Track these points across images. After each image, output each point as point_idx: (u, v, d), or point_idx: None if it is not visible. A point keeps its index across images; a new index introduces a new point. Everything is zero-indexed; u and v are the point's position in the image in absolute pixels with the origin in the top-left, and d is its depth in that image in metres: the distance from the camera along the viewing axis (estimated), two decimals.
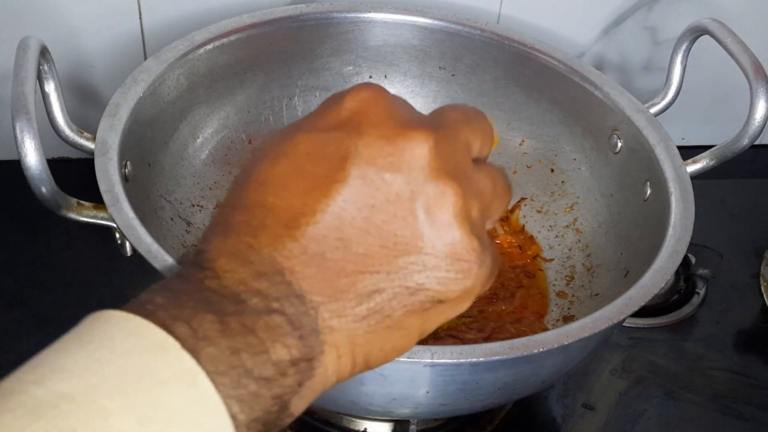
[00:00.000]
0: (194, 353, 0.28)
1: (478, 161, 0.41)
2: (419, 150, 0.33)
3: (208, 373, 0.28)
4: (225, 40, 0.65)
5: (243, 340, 0.30)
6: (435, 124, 0.35)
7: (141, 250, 0.47)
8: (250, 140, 0.70)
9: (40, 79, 0.53)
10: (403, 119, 0.35)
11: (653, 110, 0.66)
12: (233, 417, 0.29)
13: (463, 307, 0.36)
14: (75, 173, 0.53)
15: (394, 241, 0.33)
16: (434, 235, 0.33)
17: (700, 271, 0.75)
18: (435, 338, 0.60)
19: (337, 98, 0.35)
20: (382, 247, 0.33)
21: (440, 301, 0.34)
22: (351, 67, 0.73)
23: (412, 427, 0.57)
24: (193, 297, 0.30)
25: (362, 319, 0.33)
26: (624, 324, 0.62)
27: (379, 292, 0.33)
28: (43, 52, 0.53)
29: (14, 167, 0.48)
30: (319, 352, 0.32)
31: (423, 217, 0.33)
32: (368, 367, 0.35)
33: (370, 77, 0.74)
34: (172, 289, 0.31)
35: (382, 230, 0.33)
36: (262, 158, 0.35)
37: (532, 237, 0.71)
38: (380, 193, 0.33)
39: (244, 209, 0.34)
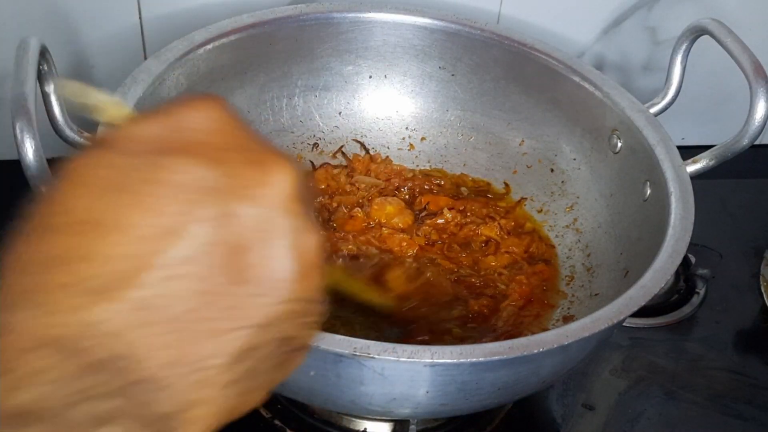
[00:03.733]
0: None
1: None
2: (286, 179, 0.28)
3: None
4: (225, 40, 0.65)
5: None
6: (277, 150, 0.29)
7: None
8: None
9: (40, 79, 0.53)
10: (260, 141, 0.29)
11: (653, 110, 0.66)
12: None
13: (305, 357, 0.31)
14: None
15: (261, 289, 0.27)
16: (304, 280, 0.28)
17: (700, 271, 0.75)
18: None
19: (177, 112, 0.28)
20: (252, 295, 0.27)
21: (301, 348, 0.30)
22: (351, 67, 0.73)
23: (412, 427, 0.57)
24: None
25: (229, 386, 0.27)
26: (624, 324, 0.62)
27: (249, 352, 0.27)
28: (44, 53, 0.53)
29: (14, 167, 0.48)
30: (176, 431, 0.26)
31: (290, 259, 0.28)
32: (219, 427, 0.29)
33: (370, 77, 0.74)
34: None
35: (248, 276, 0.27)
36: (82, 188, 0.26)
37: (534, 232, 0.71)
38: (248, 232, 0.27)
39: (64, 264, 0.25)
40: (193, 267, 0.26)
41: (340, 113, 0.75)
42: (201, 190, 0.26)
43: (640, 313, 0.51)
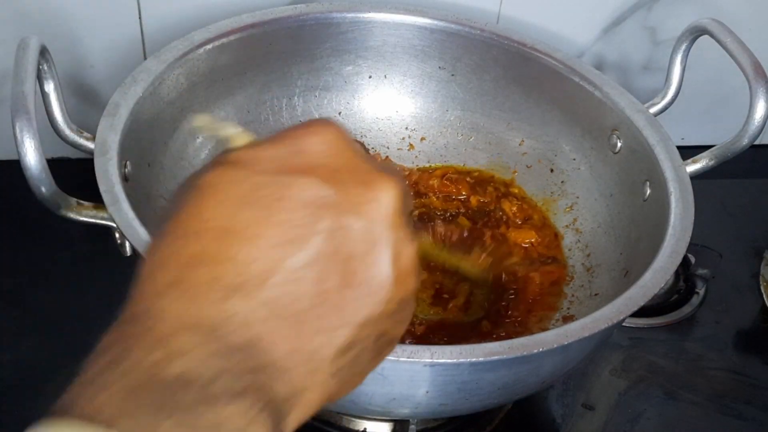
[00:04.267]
0: None
1: None
2: (391, 195, 0.32)
3: None
4: (225, 40, 0.65)
5: None
6: (388, 168, 0.34)
7: (141, 249, 0.47)
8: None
9: (40, 79, 0.53)
10: (367, 163, 0.33)
11: (653, 110, 0.66)
12: None
13: (393, 349, 0.36)
14: (75, 173, 0.53)
15: (366, 291, 0.32)
16: (399, 284, 0.33)
17: (700, 271, 0.75)
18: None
19: (299, 137, 0.33)
20: (358, 298, 0.32)
21: (392, 342, 0.35)
22: (351, 67, 0.73)
23: (412, 427, 0.57)
24: (151, 394, 0.27)
25: (335, 374, 0.32)
26: (624, 324, 0.62)
27: (353, 345, 0.32)
28: (43, 52, 0.53)
29: (14, 167, 0.48)
30: (289, 413, 0.30)
31: (391, 266, 0.32)
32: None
33: (370, 77, 0.74)
34: (124, 384, 0.27)
35: (359, 280, 0.32)
36: (217, 201, 0.31)
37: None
38: (358, 242, 0.31)
39: (204, 264, 0.30)
40: (311, 272, 0.30)
41: (339, 113, 0.75)
42: (319, 206, 0.31)
43: (640, 313, 0.51)
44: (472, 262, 0.67)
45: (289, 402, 0.30)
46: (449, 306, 0.64)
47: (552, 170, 0.72)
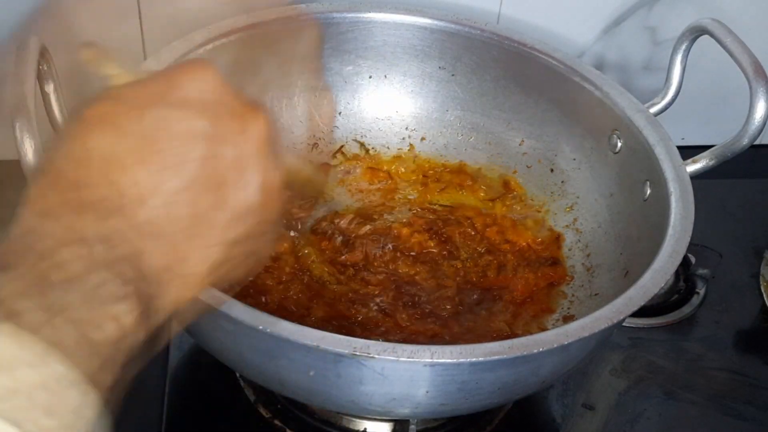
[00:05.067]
0: (42, 337, 0.29)
1: None
2: (260, 126, 0.36)
3: (63, 352, 0.29)
4: (225, 40, 0.65)
5: (79, 304, 0.30)
6: (255, 104, 0.38)
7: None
8: None
9: (40, 79, 0.53)
10: (239, 98, 0.37)
11: (653, 110, 0.66)
12: (98, 387, 0.30)
13: (270, 251, 0.42)
14: None
15: (236, 213, 0.35)
16: (266, 207, 0.37)
17: (700, 271, 0.75)
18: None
19: (175, 75, 0.36)
20: (226, 220, 0.35)
21: (262, 260, 0.39)
22: (351, 67, 0.73)
23: (412, 427, 0.57)
24: (40, 295, 0.30)
25: (212, 282, 0.36)
26: (624, 324, 0.62)
27: (224, 262, 0.36)
28: (43, 52, 0.53)
29: (14, 167, 0.48)
30: (164, 289, 0.34)
31: (258, 191, 0.36)
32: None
33: (370, 77, 0.74)
34: (12, 289, 0.30)
35: (230, 203, 0.35)
36: (99, 132, 0.34)
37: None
38: (229, 169, 0.35)
39: (88, 188, 0.33)
40: (186, 196, 0.34)
41: (340, 113, 0.75)
42: (194, 137, 0.34)
43: (640, 313, 0.51)
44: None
45: (163, 308, 0.34)
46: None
47: (552, 170, 0.72)
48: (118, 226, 0.32)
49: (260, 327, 0.44)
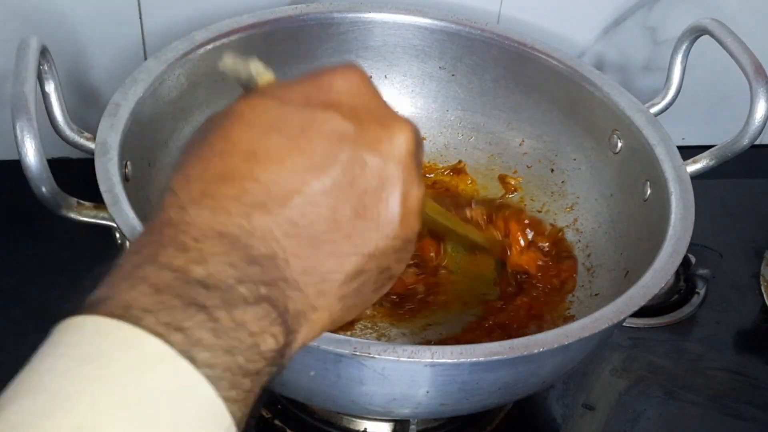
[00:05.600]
0: (192, 360, 0.27)
1: None
2: (406, 138, 0.35)
3: (208, 378, 0.28)
4: (225, 40, 0.65)
5: (235, 336, 0.29)
6: (401, 115, 0.37)
7: None
8: None
9: (40, 79, 0.53)
10: (386, 106, 0.36)
11: (653, 110, 0.66)
12: (233, 416, 0.28)
13: (391, 285, 0.38)
14: (75, 173, 0.53)
15: (375, 224, 0.34)
16: (406, 223, 0.35)
17: (700, 271, 0.75)
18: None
19: (325, 77, 0.35)
20: (368, 229, 0.34)
21: (392, 278, 0.37)
22: None
23: (412, 427, 0.57)
24: (178, 292, 0.29)
25: (341, 299, 0.34)
26: (624, 324, 0.62)
27: (361, 273, 0.34)
28: (43, 52, 0.53)
29: (14, 167, 0.48)
30: (298, 331, 0.33)
31: (399, 205, 0.35)
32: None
33: (370, 77, 0.73)
34: (152, 282, 0.29)
35: (369, 213, 0.34)
36: (247, 126, 0.33)
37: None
38: (371, 177, 0.34)
39: (232, 181, 0.32)
40: (328, 199, 0.33)
41: None
42: (340, 139, 0.33)
43: (640, 313, 0.51)
44: (478, 231, 0.66)
45: (298, 319, 0.32)
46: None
47: (552, 170, 0.72)
48: (258, 223, 0.31)
49: None
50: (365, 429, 0.60)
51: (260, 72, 0.36)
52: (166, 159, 0.63)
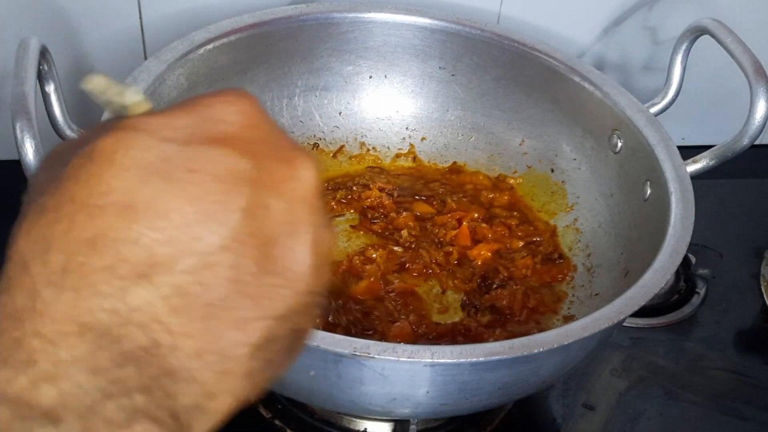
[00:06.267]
0: None
1: None
2: (311, 175, 0.29)
3: None
4: (225, 40, 0.65)
5: None
6: (299, 146, 0.31)
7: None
8: None
9: (40, 79, 0.53)
10: (284, 138, 0.30)
11: (653, 110, 0.66)
12: None
13: (303, 348, 0.32)
14: None
15: (285, 280, 0.28)
16: (318, 273, 0.29)
17: (700, 271, 0.75)
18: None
19: (212, 105, 0.29)
20: (277, 286, 0.28)
21: (302, 339, 0.31)
22: (351, 67, 0.73)
23: (412, 427, 0.57)
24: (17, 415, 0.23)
25: (250, 374, 0.28)
26: (624, 324, 0.62)
27: (268, 341, 0.28)
28: (43, 52, 0.53)
29: (14, 167, 0.48)
30: (192, 427, 0.26)
31: (312, 253, 0.29)
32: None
33: (370, 77, 0.74)
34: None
35: (277, 267, 0.28)
36: (119, 170, 0.26)
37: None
38: (277, 224, 0.28)
39: (104, 247, 0.25)
40: (227, 255, 0.26)
41: (340, 113, 0.75)
42: (236, 181, 0.27)
43: (640, 313, 0.51)
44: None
45: (191, 414, 0.26)
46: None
47: (552, 170, 0.72)
48: (138, 300, 0.25)
49: None
50: (365, 429, 0.60)
51: (137, 102, 0.29)
52: None
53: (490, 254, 0.67)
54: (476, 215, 0.69)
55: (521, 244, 0.68)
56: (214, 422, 0.27)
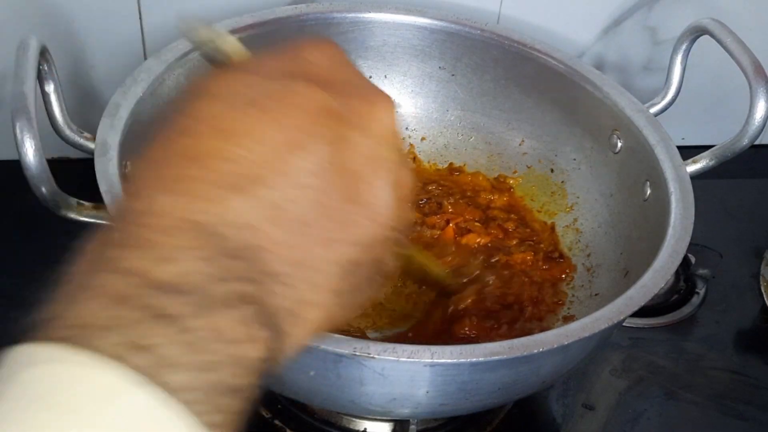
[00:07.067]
0: (163, 385, 0.23)
1: None
2: (390, 114, 0.32)
3: (186, 404, 0.23)
4: None
5: (215, 349, 0.25)
6: (379, 89, 0.34)
7: None
8: None
9: (40, 79, 0.53)
10: (367, 80, 0.33)
11: (653, 110, 0.66)
12: None
13: (384, 286, 0.34)
14: (75, 173, 0.53)
15: (370, 212, 0.30)
16: (400, 210, 0.32)
17: (700, 271, 0.75)
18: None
19: (301, 50, 0.32)
20: (361, 216, 0.30)
21: (384, 275, 0.33)
22: None
23: (412, 427, 0.57)
24: (142, 302, 0.24)
25: (339, 293, 0.30)
26: (624, 324, 0.62)
27: (358, 265, 0.30)
28: (43, 52, 0.53)
29: (14, 167, 0.48)
30: (290, 332, 0.28)
31: (391, 190, 0.31)
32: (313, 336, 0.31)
33: (370, 77, 0.74)
34: (110, 292, 0.24)
35: (361, 198, 0.30)
36: (217, 101, 0.29)
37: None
38: (360, 158, 0.30)
39: (204, 162, 0.27)
40: (315, 180, 0.28)
41: None
42: (325, 114, 0.29)
43: (640, 313, 0.51)
44: (438, 263, 0.63)
45: (290, 319, 0.28)
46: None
47: (552, 170, 0.72)
48: (239, 209, 0.27)
49: None
50: (365, 429, 0.60)
51: (236, 49, 0.33)
52: None
53: (483, 242, 0.67)
54: (470, 217, 0.69)
55: (515, 242, 0.68)
56: (308, 333, 0.29)
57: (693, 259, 0.75)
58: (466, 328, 0.59)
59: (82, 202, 0.51)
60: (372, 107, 0.31)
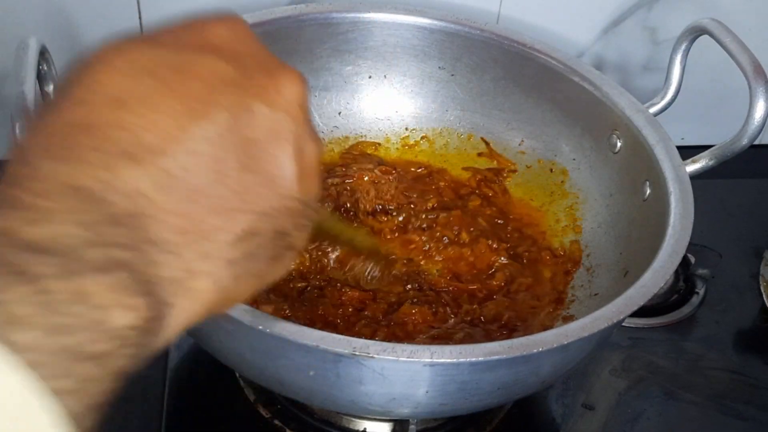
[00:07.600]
0: (6, 342, 0.22)
1: None
2: (297, 89, 0.32)
3: (29, 365, 0.22)
4: None
5: (73, 312, 0.24)
6: (287, 64, 0.34)
7: None
8: None
9: (40, 80, 0.53)
10: (273, 56, 0.33)
11: (653, 110, 0.66)
12: (68, 410, 0.23)
13: (294, 260, 0.34)
14: None
15: (267, 180, 0.30)
16: (301, 182, 0.31)
17: (700, 271, 0.75)
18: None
19: (203, 22, 0.32)
20: (259, 185, 0.30)
21: (290, 249, 0.33)
22: (351, 67, 0.73)
23: (412, 427, 0.57)
24: (1, 259, 0.24)
25: (232, 264, 0.30)
26: (624, 324, 0.62)
27: (250, 235, 0.30)
28: (43, 53, 0.53)
29: None
30: (173, 303, 0.28)
31: (296, 161, 0.31)
32: (209, 316, 0.30)
33: (370, 77, 0.74)
34: None
35: (259, 167, 0.30)
36: (112, 71, 0.28)
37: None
38: (259, 128, 0.30)
39: (94, 130, 0.27)
40: (212, 148, 0.28)
41: (339, 113, 0.75)
42: (223, 84, 0.29)
43: (639, 313, 0.51)
44: (365, 234, 0.64)
45: (174, 288, 0.28)
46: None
47: (552, 170, 0.72)
48: (125, 175, 0.26)
49: (260, 327, 0.44)
50: (365, 429, 0.60)
51: None
52: None
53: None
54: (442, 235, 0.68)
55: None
56: (195, 305, 0.29)
57: (692, 259, 0.75)
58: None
59: None
60: (276, 80, 0.31)
